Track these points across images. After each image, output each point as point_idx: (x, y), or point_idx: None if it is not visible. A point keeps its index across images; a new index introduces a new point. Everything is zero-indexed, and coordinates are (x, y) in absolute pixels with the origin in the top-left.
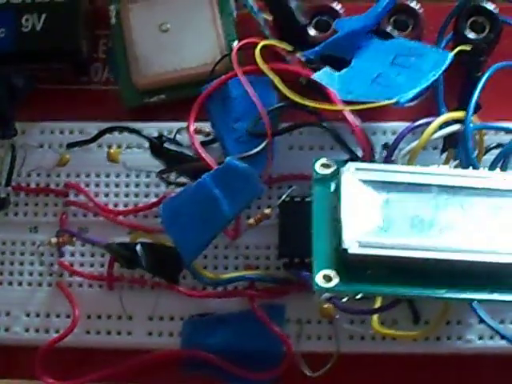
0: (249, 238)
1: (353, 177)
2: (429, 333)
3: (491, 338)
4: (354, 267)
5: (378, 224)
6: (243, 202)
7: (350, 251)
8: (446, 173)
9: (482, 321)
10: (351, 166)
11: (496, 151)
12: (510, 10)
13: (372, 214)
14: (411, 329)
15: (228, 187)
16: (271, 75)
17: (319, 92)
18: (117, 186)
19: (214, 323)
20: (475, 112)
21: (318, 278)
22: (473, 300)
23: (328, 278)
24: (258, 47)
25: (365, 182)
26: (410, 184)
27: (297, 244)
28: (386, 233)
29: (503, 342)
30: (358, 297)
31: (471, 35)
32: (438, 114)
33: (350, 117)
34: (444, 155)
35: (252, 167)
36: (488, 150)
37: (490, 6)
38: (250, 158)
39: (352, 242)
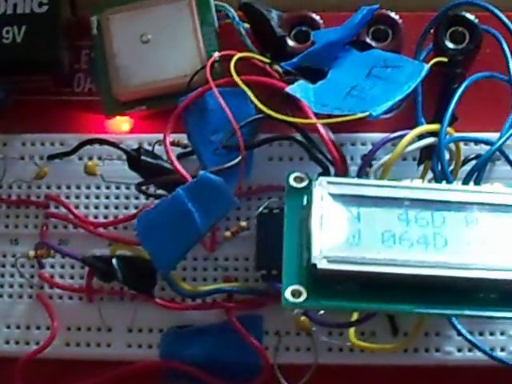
0: (228, 250)
1: (324, 191)
2: (406, 345)
3: (470, 350)
4: (323, 282)
5: (348, 239)
6: (216, 216)
7: (318, 266)
8: (418, 187)
9: (459, 333)
10: (323, 179)
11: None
12: (492, 18)
13: (342, 228)
14: (390, 340)
15: (201, 200)
16: (245, 88)
17: (295, 104)
18: (97, 197)
19: (193, 335)
20: (451, 124)
21: (287, 293)
22: (443, 315)
23: (297, 294)
24: (234, 59)
25: (336, 196)
26: (381, 198)
27: (274, 256)
28: (355, 248)
29: (482, 355)
30: (321, 313)
31: (451, 45)
32: (416, 125)
33: (323, 130)
34: (421, 167)
35: (226, 180)
36: (466, 161)
37: (470, 16)
38: (224, 171)
39: (321, 257)
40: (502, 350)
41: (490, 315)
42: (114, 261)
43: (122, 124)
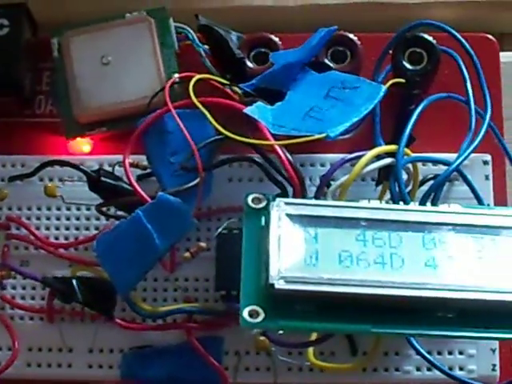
0: (188, 271)
1: (282, 211)
2: (365, 364)
3: (429, 369)
4: (281, 303)
5: (306, 259)
6: (175, 237)
7: (276, 286)
8: (375, 207)
9: (418, 353)
10: (280, 200)
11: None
12: (450, 39)
13: (300, 249)
14: (349, 360)
15: (160, 222)
16: (203, 109)
17: (254, 125)
18: (58, 218)
19: (153, 355)
20: (409, 144)
21: (245, 314)
22: (400, 334)
23: (255, 314)
24: (192, 81)
25: (294, 216)
26: (338, 219)
27: (233, 276)
28: (313, 268)
29: (441, 374)
30: (280, 332)
31: (409, 66)
32: (375, 146)
33: (281, 152)
34: (380, 187)
35: (185, 201)
36: (425, 181)
37: (428, 37)
38: (183, 193)
39: (278, 278)
40: (461, 369)
41: (448, 334)
42: (73, 282)
43: (82, 145)
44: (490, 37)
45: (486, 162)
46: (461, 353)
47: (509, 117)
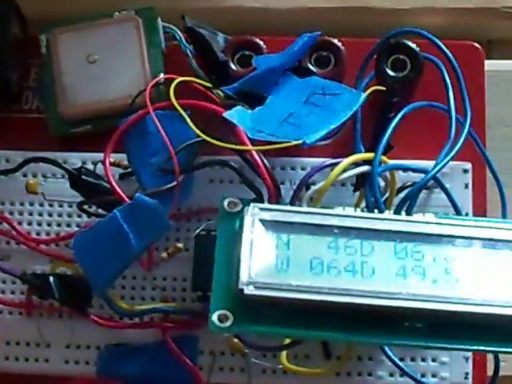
0: (166, 270)
1: (255, 217)
2: (339, 368)
3: (402, 375)
4: (250, 308)
5: (277, 265)
6: (150, 237)
7: (245, 292)
8: (348, 215)
9: (390, 359)
10: (255, 206)
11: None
12: (434, 47)
13: (271, 255)
14: (323, 364)
15: (136, 222)
16: (182, 112)
17: (232, 129)
18: (40, 214)
19: (129, 353)
20: (386, 153)
21: (214, 318)
22: (368, 343)
23: (224, 318)
24: (174, 84)
25: (267, 222)
26: (311, 225)
27: (210, 277)
28: (283, 274)
29: None
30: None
31: (392, 73)
32: (355, 152)
33: (257, 157)
34: (358, 193)
35: (162, 203)
36: (403, 187)
37: (412, 44)
38: (160, 194)
39: (248, 283)
40: (434, 376)
41: (416, 344)
42: (51, 278)
43: (67, 142)
44: (476, 44)
45: (466, 171)
46: (434, 360)
47: (493, 125)
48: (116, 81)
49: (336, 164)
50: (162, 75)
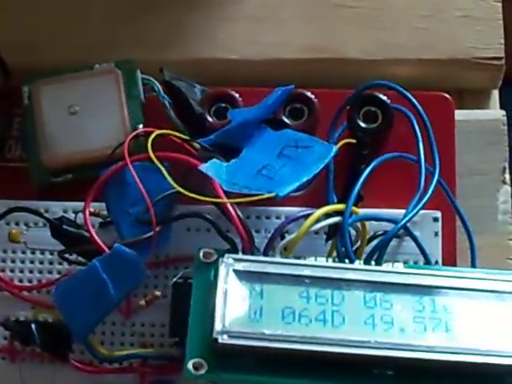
0: (145, 316)
1: (229, 267)
2: None
3: None
4: (224, 356)
5: (250, 315)
6: (129, 287)
7: (219, 341)
8: (319, 265)
9: None
10: (229, 256)
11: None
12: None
13: (245, 304)
14: None
15: (115, 272)
16: (159, 164)
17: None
18: (22, 262)
19: None
20: (357, 203)
21: (189, 366)
22: None
23: (199, 366)
24: (151, 137)
25: (241, 272)
26: (283, 275)
27: (187, 324)
28: (256, 324)
29: None
30: None
31: (363, 125)
32: (328, 202)
33: (231, 208)
34: (330, 243)
35: (140, 252)
36: (375, 236)
37: (383, 96)
38: (138, 244)
39: (222, 332)
40: None
41: None
42: (32, 325)
43: (49, 190)
44: (446, 95)
45: (435, 219)
46: None
47: (464, 173)
48: (96, 132)
49: (309, 215)
50: (140, 127)
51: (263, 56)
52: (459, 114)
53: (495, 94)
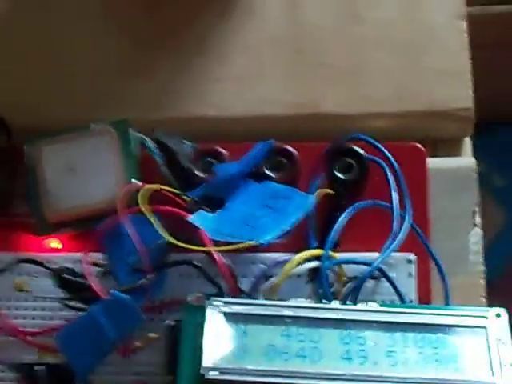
0: (142, 357)
1: (216, 309)
2: None
3: None
4: None
5: (235, 352)
6: (126, 331)
7: (207, 376)
8: (299, 305)
9: None
10: (216, 300)
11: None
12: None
13: (230, 343)
14: None
15: (112, 317)
16: (150, 217)
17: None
18: (25, 309)
19: None
20: (334, 248)
21: None
22: None
23: None
24: (142, 191)
25: (226, 314)
26: (266, 316)
27: None
28: (241, 360)
29: None
30: None
31: (340, 175)
32: (309, 247)
33: (217, 257)
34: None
35: (135, 298)
36: (352, 278)
37: (358, 149)
38: (134, 290)
39: (209, 369)
40: None
41: None
42: (38, 368)
43: (52, 243)
44: (418, 145)
45: (410, 261)
46: None
47: (439, 217)
48: (94, 188)
49: (287, 261)
50: (134, 182)
51: (249, 113)
52: (433, 162)
53: (467, 141)
